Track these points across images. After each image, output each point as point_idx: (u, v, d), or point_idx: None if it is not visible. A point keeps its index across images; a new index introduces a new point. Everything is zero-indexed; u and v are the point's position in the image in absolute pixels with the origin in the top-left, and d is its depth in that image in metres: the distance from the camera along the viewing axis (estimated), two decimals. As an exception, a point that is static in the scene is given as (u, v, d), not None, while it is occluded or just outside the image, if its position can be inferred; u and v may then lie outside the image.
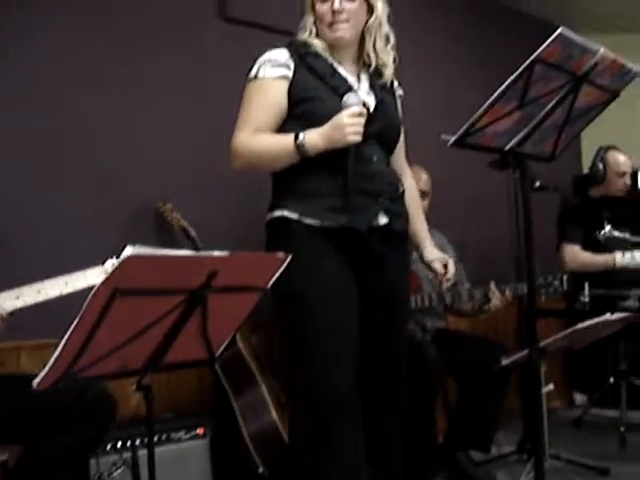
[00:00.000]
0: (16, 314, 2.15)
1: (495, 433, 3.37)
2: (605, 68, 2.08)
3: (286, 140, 2.29)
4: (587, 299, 3.62)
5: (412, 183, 2.70)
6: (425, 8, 4.47)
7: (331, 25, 2.38)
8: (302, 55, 2.38)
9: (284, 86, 2.36)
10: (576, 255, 4.03)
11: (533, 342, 2.16)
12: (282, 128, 2.38)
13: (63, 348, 1.66)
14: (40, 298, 2.20)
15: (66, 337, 1.65)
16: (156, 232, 3.17)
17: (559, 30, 1.82)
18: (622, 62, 2.11)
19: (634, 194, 4.38)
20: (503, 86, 1.89)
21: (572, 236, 4.05)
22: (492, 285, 3.21)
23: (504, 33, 4.89)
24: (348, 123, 2.22)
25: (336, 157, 2.27)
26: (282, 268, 1.96)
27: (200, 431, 2.86)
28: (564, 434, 3.89)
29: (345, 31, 2.39)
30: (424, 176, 3.43)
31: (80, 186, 3.00)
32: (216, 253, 1.79)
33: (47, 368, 1.68)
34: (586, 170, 4.68)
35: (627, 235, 3.87)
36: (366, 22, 2.43)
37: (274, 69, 2.37)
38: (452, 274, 2.62)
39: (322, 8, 2.39)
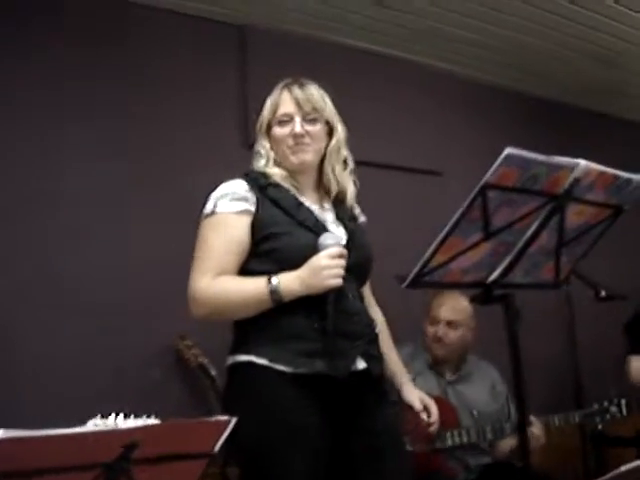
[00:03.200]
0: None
1: None
2: (593, 182, 1.73)
3: (257, 285, 1.99)
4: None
5: (381, 318, 2.33)
6: (475, 111, 4.22)
7: (293, 149, 2.12)
8: (262, 187, 2.10)
9: (246, 221, 2.05)
10: None
11: None
12: (245, 267, 2.07)
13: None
14: None
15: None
16: (176, 371, 2.97)
17: (506, 151, 1.50)
18: (613, 173, 1.76)
19: None
20: (453, 219, 1.59)
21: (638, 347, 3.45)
22: (532, 418, 2.78)
23: (578, 136, 4.51)
24: (327, 266, 1.94)
25: (313, 297, 1.98)
26: (228, 430, 1.71)
27: None
28: None
29: (307, 154, 2.13)
30: (460, 306, 3.04)
31: (95, 326, 2.86)
32: (131, 425, 1.55)
33: None
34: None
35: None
36: (326, 146, 2.17)
37: (233, 203, 2.06)
38: (435, 415, 2.22)
39: (282, 132, 2.13)
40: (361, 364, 2.06)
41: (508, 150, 1.51)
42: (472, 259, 1.71)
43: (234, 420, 1.72)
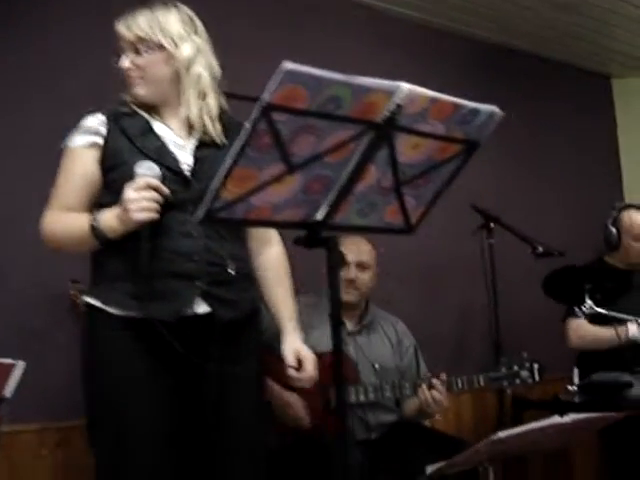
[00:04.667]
0: None
1: None
2: (425, 111, 1.48)
3: (83, 222, 1.89)
4: (575, 388, 2.86)
5: (277, 253, 2.17)
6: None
7: (129, 84, 2.00)
8: (118, 116, 1.98)
9: (93, 155, 1.96)
10: (580, 329, 3.14)
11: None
12: (98, 201, 1.97)
13: None
14: None
15: None
16: (68, 316, 2.79)
17: (285, 67, 1.26)
18: (452, 101, 1.51)
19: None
20: (236, 145, 1.36)
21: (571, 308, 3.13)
22: (434, 380, 2.57)
23: (533, 85, 4.25)
24: (132, 199, 1.78)
25: (136, 234, 1.84)
26: (15, 374, 1.56)
27: None
28: None
29: (139, 88, 1.99)
30: (365, 247, 2.84)
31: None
32: None
33: None
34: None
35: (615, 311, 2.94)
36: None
37: (83, 137, 1.98)
38: (309, 373, 2.07)
39: (120, 68, 2.01)
40: (201, 308, 1.90)
41: (288, 66, 1.26)
42: (281, 195, 1.48)
43: (22, 364, 1.57)
